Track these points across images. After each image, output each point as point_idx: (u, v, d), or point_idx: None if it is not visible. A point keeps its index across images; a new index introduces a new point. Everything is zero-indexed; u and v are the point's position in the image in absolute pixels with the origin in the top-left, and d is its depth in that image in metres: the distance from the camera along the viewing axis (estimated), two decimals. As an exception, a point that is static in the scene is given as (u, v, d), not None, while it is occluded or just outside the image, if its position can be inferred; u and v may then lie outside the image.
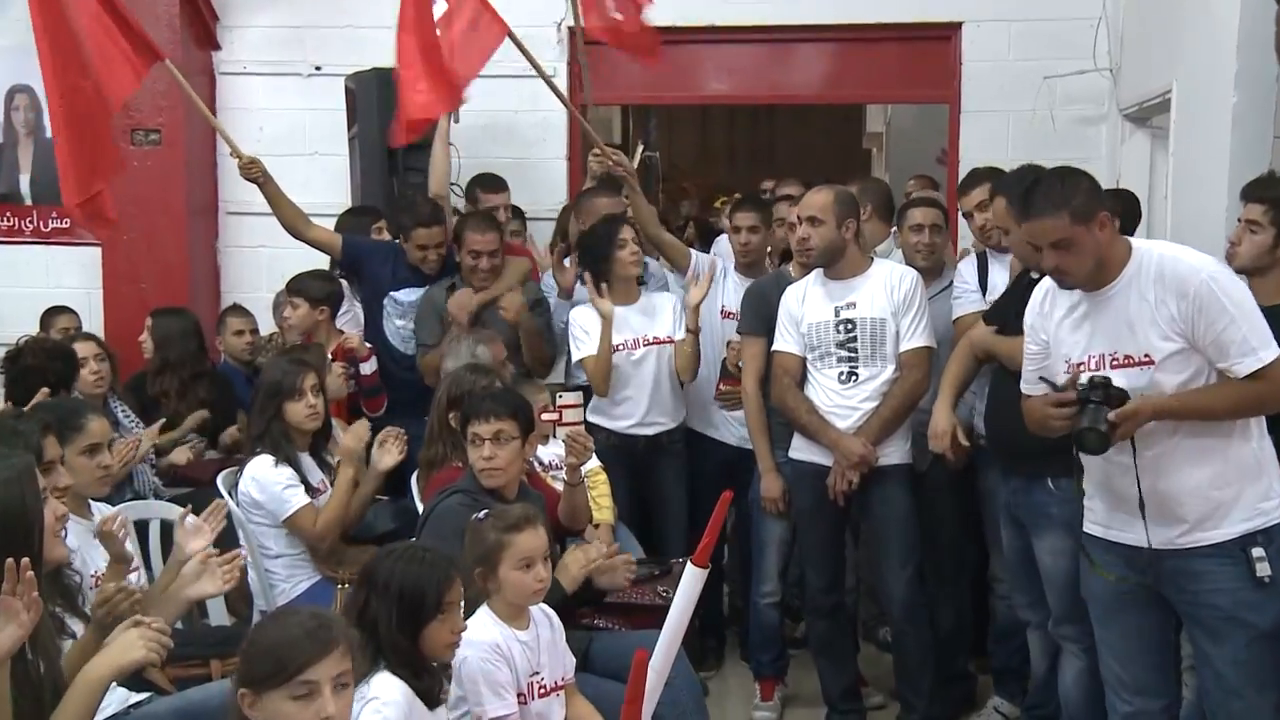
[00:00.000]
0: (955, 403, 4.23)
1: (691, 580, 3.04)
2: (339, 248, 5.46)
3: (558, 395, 4.20)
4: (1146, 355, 3.14)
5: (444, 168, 5.61)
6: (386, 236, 5.67)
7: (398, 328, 5.42)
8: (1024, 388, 3.43)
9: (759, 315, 4.74)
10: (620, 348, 4.94)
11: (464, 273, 5.21)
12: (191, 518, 3.47)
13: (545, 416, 4.20)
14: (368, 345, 5.28)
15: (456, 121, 5.79)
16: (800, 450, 4.53)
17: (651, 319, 5.00)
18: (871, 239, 5.00)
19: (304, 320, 5.29)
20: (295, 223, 5.41)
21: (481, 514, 3.30)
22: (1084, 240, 3.12)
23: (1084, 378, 3.16)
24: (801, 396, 4.46)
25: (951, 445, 4.17)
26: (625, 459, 4.86)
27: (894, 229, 5.20)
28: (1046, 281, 3.36)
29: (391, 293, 5.40)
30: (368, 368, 5.21)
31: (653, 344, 4.97)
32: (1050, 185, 3.18)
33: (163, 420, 5.19)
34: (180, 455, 5.23)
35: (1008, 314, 3.98)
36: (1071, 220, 3.11)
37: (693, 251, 5.29)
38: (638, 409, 4.95)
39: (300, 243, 5.49)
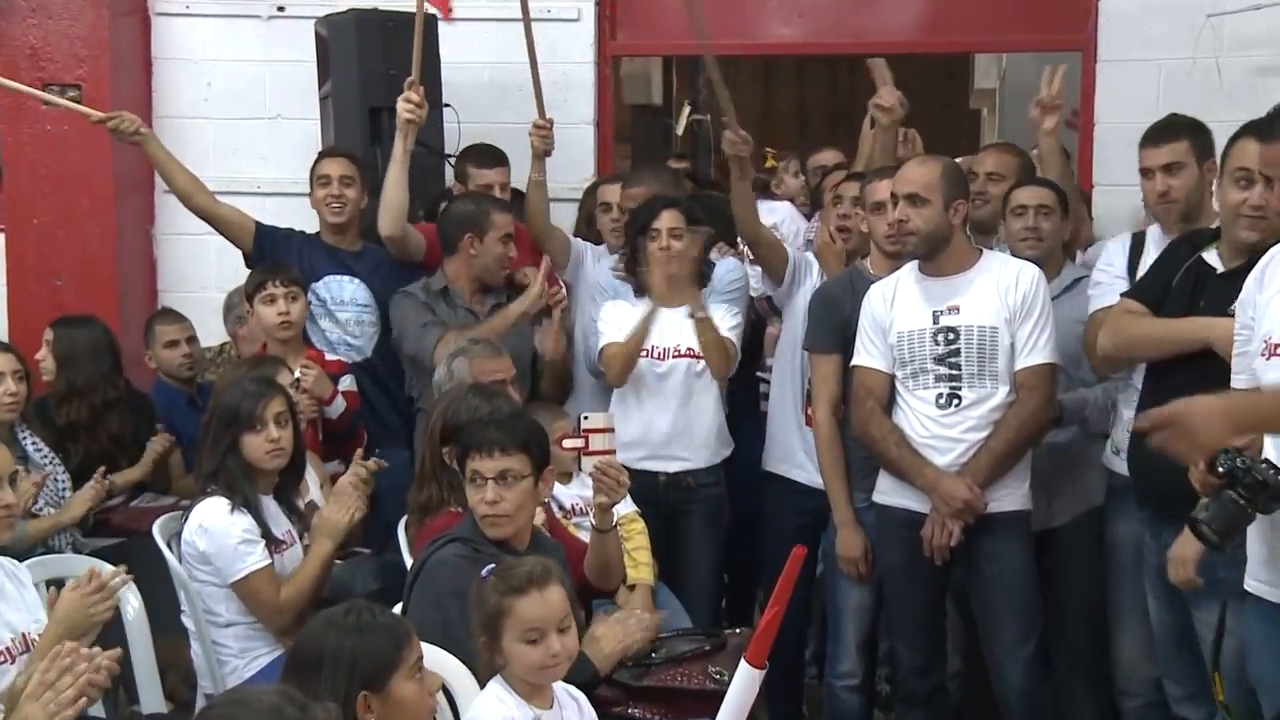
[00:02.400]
0: None
1: (745, 684, 2.97)
2: (251, 233, 5.61)
3: (582, 417, 4.21)
4: None
5: (399, 200, 5.49)
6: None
7: (324, 331, 5.55)
8: (1235, 383, 3.43)
9: (829, 326, 4.81)
10: (643, 354, 5.06)
11: (494, 262, 5.34)
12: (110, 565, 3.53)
13: (567, 444, 4.20)
14: (335, 359, 5.40)
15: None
16: (888, 493, 4.58)
17: (690, 327, 5.09)
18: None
19: (300, 316, 5.33)
20: (195, 195, 5.54)
21: (485, 571, 3.34)
22: None
23: (1226, 461, 3.08)
24: (890, 425, 4.51)
25: None
26: (643, 505, 4.88)
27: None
28: (1277, 249, 3.38)
29: (312, 285, 5.54)
30: (333, 410, 5.28)
31: (685, 356, 5.05)
32: None
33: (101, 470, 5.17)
34: (81, 500, 5.07)
35: (1157, 288, 4.01)
36: None
37: (792, 252, 5.36)
38: (656, 434, 5.04)
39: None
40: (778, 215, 6.40)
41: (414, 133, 5.46)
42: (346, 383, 5.40)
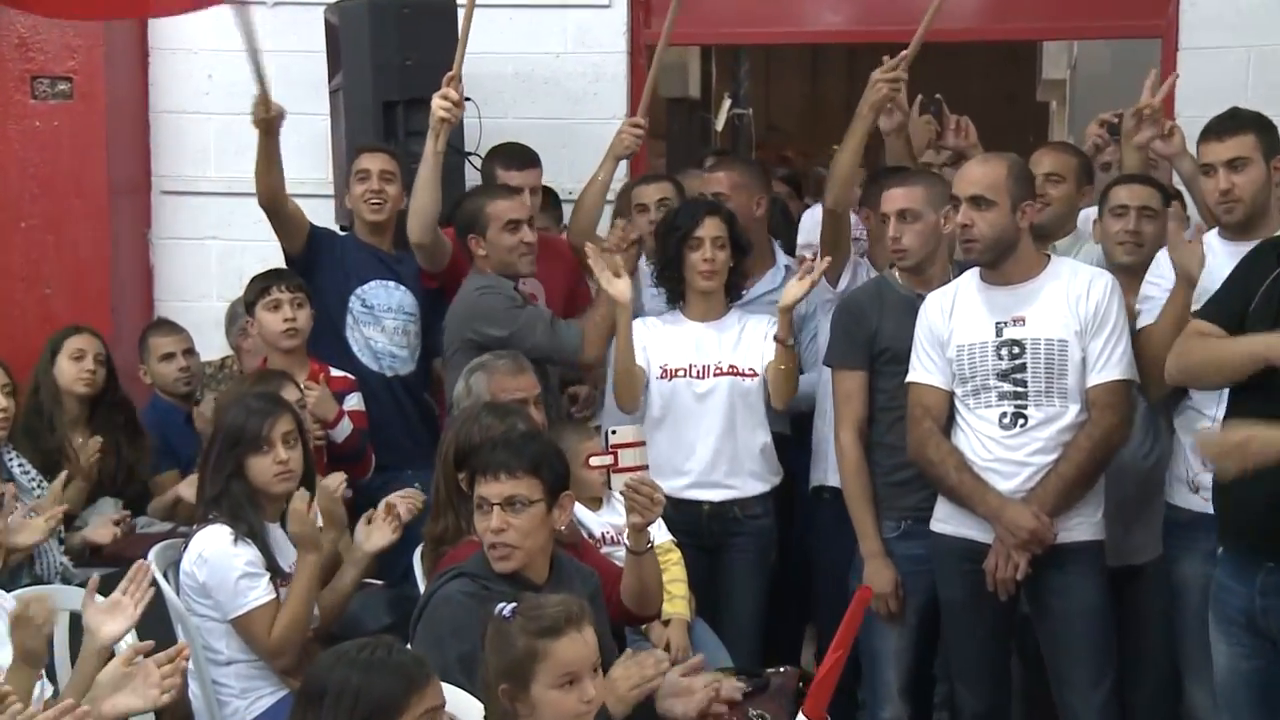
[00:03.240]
0: None
1: None
2: (306, 231, 5.63)
3: (609, 431, 4.21)
4: None
5: (429, 204, 5.47)
6: None
7: (368, 340, 5.57)
8: None
9: (853, 339, 4.83)
10: (680, 373, 5.05)
11: (506, 254, 5.30)
12: (102, 595, 3.56)
13: (594, 461, 4.23)
14: (341, 375, 5.42)
15: None
16: (947, 520, 4.58)
17: (734, 342, 5.11)
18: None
19: (307, 325, 5.35)
20: (279, 193, 5.56)
21: (507, 608, 3.34)
22: None
23: None
24: (949, 447, 4.51)
25: None
26: (684, 537, 4.89)
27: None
28: None
29: (357, 290, 5.56)
30: (338, 433, 5.29)
31: (727, 374, 5.06)
32: None
33: (64, 474, 5.19)
34: (102, 532, 5.24)
35: (1236, 305, 3.97)
36: None
37: (854, 253, 5.38)
38: (698, 461, 5.04)
39: (259, 236, 5.61)
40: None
41: (447, 132, 5.47)
42: (353, 401, 5.41)
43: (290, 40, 6.72)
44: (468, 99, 6.05)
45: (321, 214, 5.93)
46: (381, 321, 5.59)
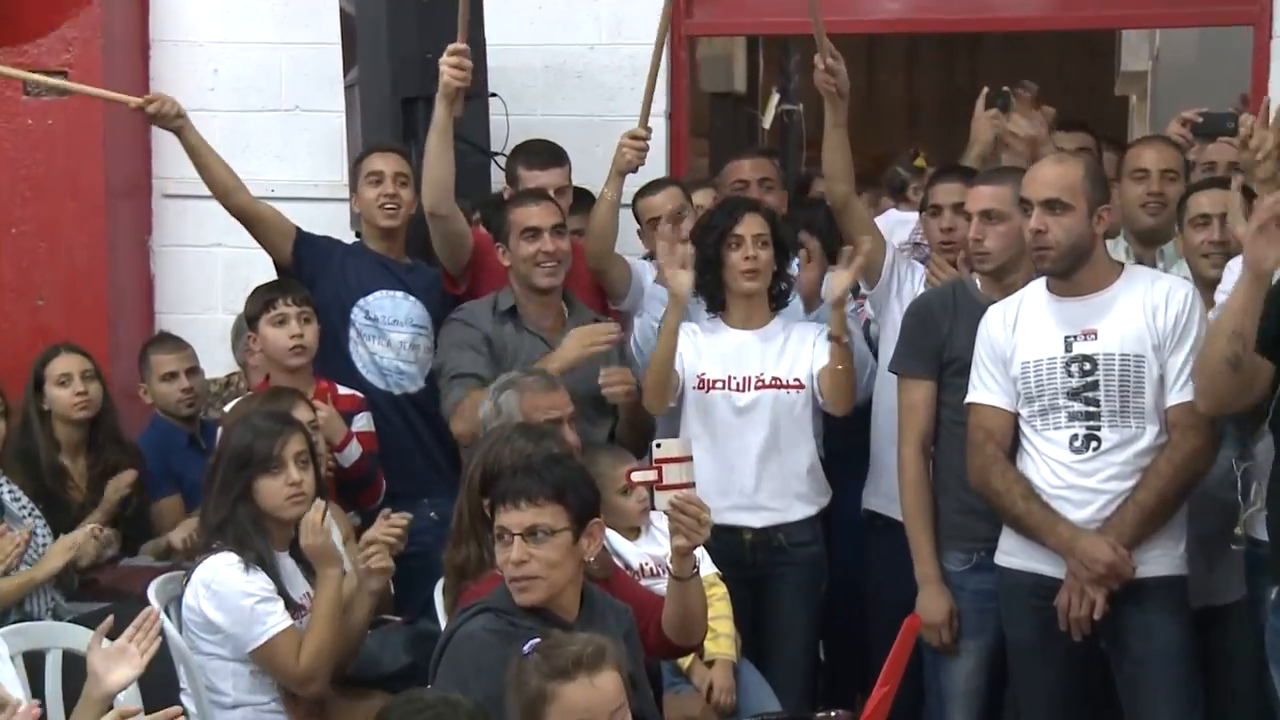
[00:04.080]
0: None
1: None
2: (291, 239, 5.63)
3: (654, 445, 4.19)
4: None
5: (442, 173, 5.45)
6: None
7: (374, 355, 5.58)
8: None
9: (921, 346, 4.83)
10: (719, 384, 5.08)
11: (522, 265, 5.31)
12: (110, 639, 3.59)
13: (636, 477, 4.21)
14: (349, 394, 5.42)
15: None
16: (1014, 553, 4.57)
17: (779, 352, 5.13)
18: None
19: (314, 341, 5.34)
20: (237, 192, 5.57)
21: (527, 646, 3.37)
22: None
23: None
24: (1015, 474, 4.50)
25: None
26: (725, 569, 4.88)
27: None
28: None
29: (360, 301, 5.57)
30: (346, 458, 5.30)
31: (771, 386, 5.08)
32: None
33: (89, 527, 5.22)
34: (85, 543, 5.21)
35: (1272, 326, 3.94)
36: None
37: (891, 247, 5.36)
38: (741, 480, 5.05)
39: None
40: (911, 228, 6.35)
41: (460, 100, 5.44)
42: (362, 422, 5.40)
43: (302, 31, 6.79)
44: (493, 94, 6.09)
45: (336, 219, 5.96)
46: (387, 335, 5.57)
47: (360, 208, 5.65)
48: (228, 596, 4.33)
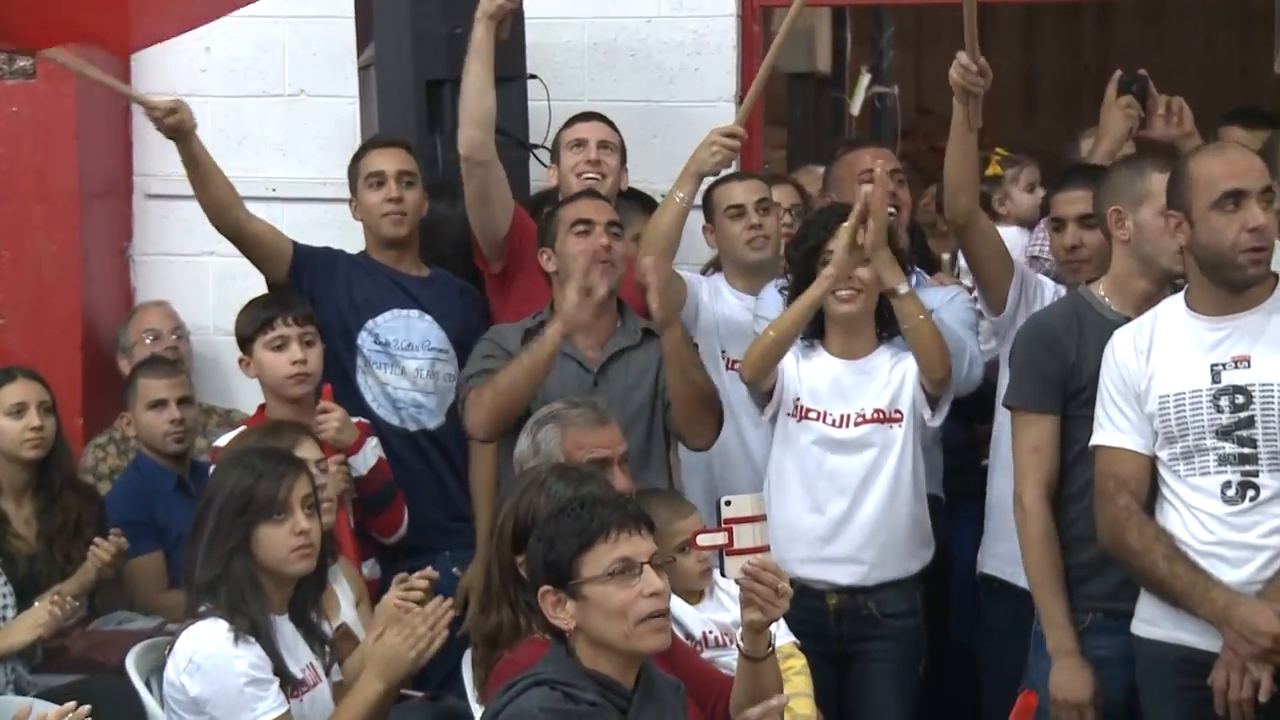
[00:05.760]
0: None
1: None
2: (287, 257, 5.70)
3: (723, 502, 4.17)
4: None
5: (482, 106, 5.52)
6: None
7: (385, 386, 5.62)
8: None
9: (1043, 375, 4.82)
10: (813, 416, 5.12)
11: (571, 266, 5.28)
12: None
13: (703, 540, 4.25)
14: (356, 420, 5.45)
15: None
16: (1156, 622, 4.56)
17: (883, 384, 5.16)
18: None
19: (318, 366, 5.40)
20: (233, 208, 5.64)
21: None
22: None
23: None
24: (1155, 530, 4.49)
25: None
26: (805, 641, 4.89)
27: None
28: None
29: (368, 324, 5.63)
30: (363, 462, 5.34)
31: (872, 420, 5.10)
32: None
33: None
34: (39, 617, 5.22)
35: None
36: None
37: (1019, 264, 5.42)
38: (822, 527, 5.08)
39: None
40: (1026, 242, 6.38)
41: (508, 21, 5.51)
42: (370, 447, 5.45)
43: (310, 5, 6.82)
44: (533, 76, 6.10)
45: (346, 223, 5.97)
46: (401, 362, 5.64)
47: (361, 216, 5.70)
48: (214, 674, 4.32)
